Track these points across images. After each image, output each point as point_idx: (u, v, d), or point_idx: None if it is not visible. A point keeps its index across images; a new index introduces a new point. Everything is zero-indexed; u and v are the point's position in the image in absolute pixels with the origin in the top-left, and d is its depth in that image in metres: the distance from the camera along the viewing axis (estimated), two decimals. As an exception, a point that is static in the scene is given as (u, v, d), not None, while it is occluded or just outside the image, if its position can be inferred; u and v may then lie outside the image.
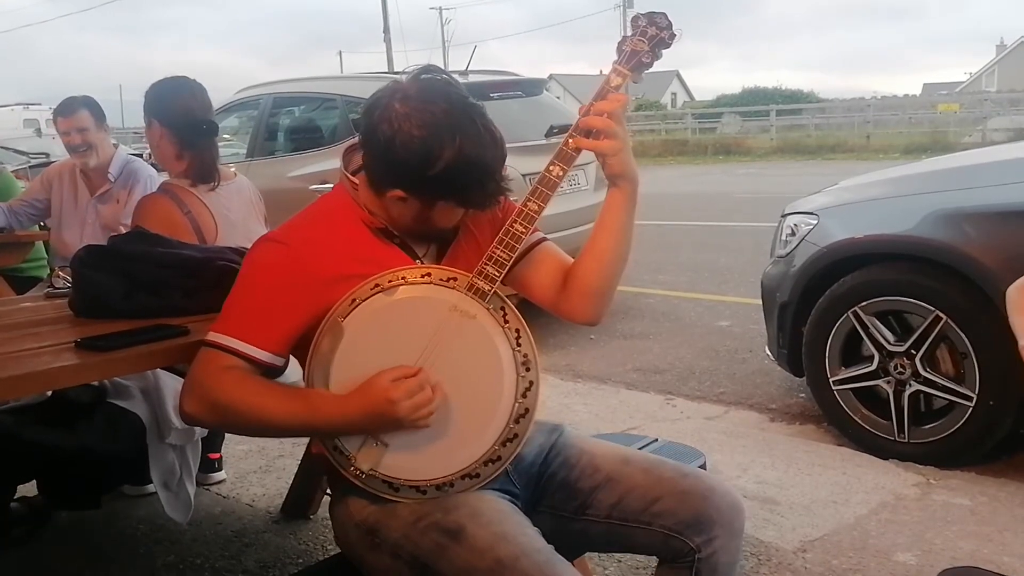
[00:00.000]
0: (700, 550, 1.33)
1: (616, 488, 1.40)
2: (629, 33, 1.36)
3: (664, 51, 1.35)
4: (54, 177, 3.26)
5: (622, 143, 1.32)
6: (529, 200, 1.34)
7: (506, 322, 1.33)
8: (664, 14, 1.35)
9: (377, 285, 1.33)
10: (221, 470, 2.79)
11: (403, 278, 1.34)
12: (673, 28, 1.34)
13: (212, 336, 1.36)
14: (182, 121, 2.28)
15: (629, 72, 1.34)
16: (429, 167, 1.28)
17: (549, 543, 1.27)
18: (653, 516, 1.36)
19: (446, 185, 1.30)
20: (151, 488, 2.51)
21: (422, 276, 1.35)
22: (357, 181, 1.41)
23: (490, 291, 1.32)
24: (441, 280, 1.34)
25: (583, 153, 1.35)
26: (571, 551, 1.40)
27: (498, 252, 1.33)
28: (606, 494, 1.40)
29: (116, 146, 3.21)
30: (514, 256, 1.34)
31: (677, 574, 1.36)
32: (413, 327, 1.31)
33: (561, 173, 1.34)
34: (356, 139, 1.42)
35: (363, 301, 1.33)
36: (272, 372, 1.39)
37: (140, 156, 3.36)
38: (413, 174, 1.30)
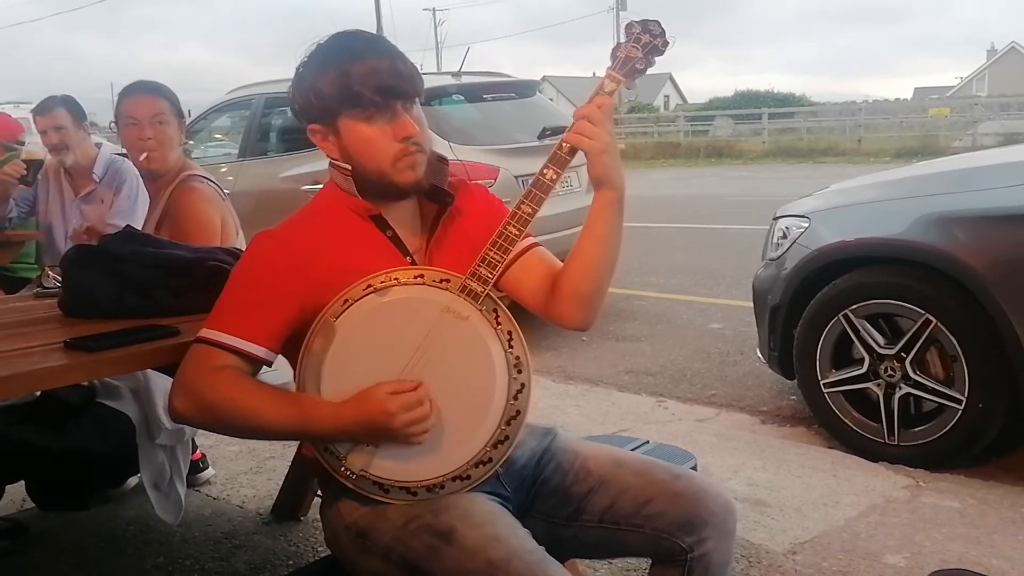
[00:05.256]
0: (692, 550, 1.33)
1: (609, 491, 1.40)
2: (623, 39, 1.36)
3: (657, 58, 1.36)
4: (41, 175, 3.23)
5: (601, 145, 1.32)
6: (523, 202, 1.34)
7: (498, 324, 1.33)
8: (658, 22, 1.36)
9: (370, 286, 1.33)
10: (208, 467, 2.78)
11: (396, 279, 1.34)
12: (666, 35, 1.35)
13: (204, 332, 1.35)
14: None
15: (623, 78, 1.35)
16: (305, 90, 1.38)
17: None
18: (645, 518, 1.36)
19: (326, 99, 1.35)
20: (131, 483, 2.51)
21: (415, 277, 1.34)
22: (344, 166, 1.41)
23: (483, 293, 1.32)
24: (434, 281, 1.34)
25: (578, 156, 1.36)
26: (562, 556, 1.40)
27: (491, 254, 1.33)
28: (599, 497, 1.40)
29: (99, 146, 3.18)
30: (507, 258, 1.34)
31: (670, 574, 1.36)
32: (406, 328, 1.31)
33: (555, 176, 1.34)
34: None
35: (356, 301, 1.32)
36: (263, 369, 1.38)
37: (125, 156, 3.34)
38: (305, 104, 1.39)
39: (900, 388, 2.84)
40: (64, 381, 1.57)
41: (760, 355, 3.44)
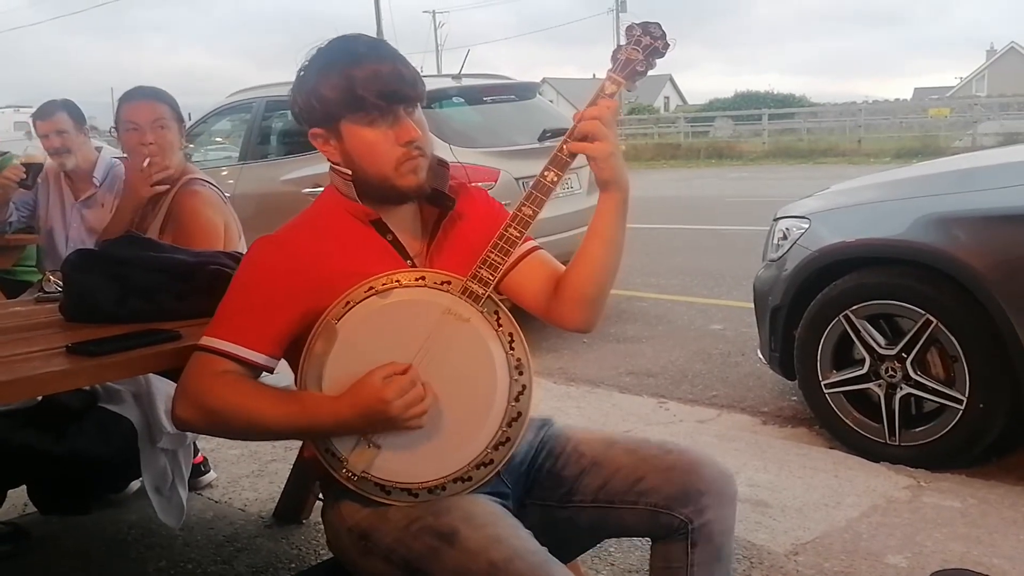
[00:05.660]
0: (692, 521, 1.34)
1: (601, 471, 1.41)
2: (624, 42, 1.37)
3: (657, 59, 1.36)
4: (41, 179, 3.24)
5: (611, 147, 1.33)
6: (524, 205, 1.34)
7: (499, 326, 1.33)
8: (658, 24, 1.36)
9: (371, 288, 1.33)
10: (210, 471, 2.78)
11: (397, 281, 1.34)
12: (667, 37, 1.35)
13: (205, 340, 1.36)
14: None
15: (623, 80, 1.35)
16: (307, 94, 1.38)
17: (539, 537, 1.28)
18: (638, 495, 1.37)
19: (328, 103, 1.36)
20: (133, 487, 2.51)
21: (416, 279, 1.35)
22: (345, 171, 1.41)
23: (484, 295, 1.33)
24: (435, 283, 1.34)
25: (577, 157, 1.36)
26: (562, 545, 1.40)
27: (492, 256, 1.34)
28: (591, 478, 1.42)
29: (100, 150, 3.19)
30: (508, 260, 1.35)
31: (673, 549, 1.36)
32: (407, 330, 1.32)
33: (556, 178, 1.34)
34: None
35: (357, 303, 1.33)
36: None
37: (126, 159, 3.34)
38: (307, 108, 1.39)
39: (901, 388, 2.84)
40: (66, 386, 1.58)
41: (761, 356, 3.44)
